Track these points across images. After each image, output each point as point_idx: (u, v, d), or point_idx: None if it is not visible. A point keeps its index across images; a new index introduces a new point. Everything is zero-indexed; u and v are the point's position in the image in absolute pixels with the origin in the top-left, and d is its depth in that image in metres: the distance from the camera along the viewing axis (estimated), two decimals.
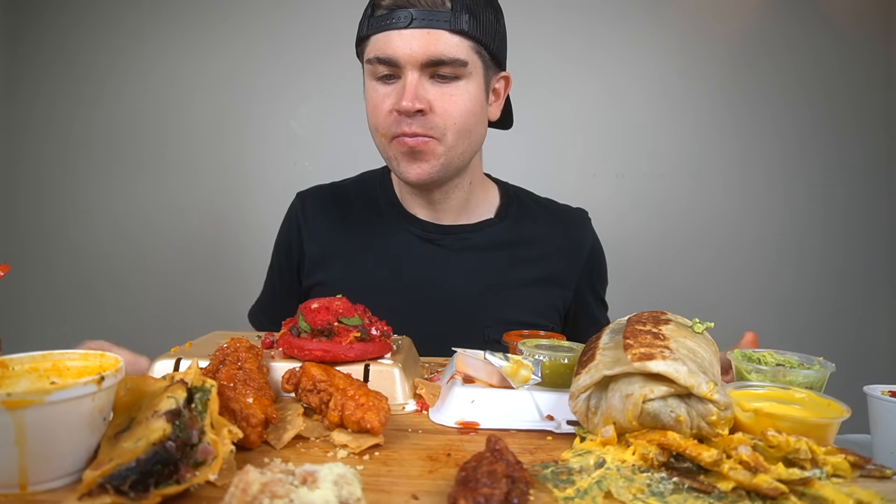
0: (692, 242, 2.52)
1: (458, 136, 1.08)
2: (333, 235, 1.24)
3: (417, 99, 1.02)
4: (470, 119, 1.08)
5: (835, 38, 2.49)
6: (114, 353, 0.59)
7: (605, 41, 2.49)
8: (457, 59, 1.02)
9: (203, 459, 0.50)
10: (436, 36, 1.01)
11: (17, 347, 0.62)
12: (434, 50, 1.01)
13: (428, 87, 1.04)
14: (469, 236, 1.22)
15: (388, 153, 1.12)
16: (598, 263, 1.33)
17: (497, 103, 1.18)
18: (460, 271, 1.20)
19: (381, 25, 1.03)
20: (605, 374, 0.62)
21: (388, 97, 1.06)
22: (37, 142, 2.49)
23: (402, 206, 1.24)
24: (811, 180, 2.52)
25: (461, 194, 1.21)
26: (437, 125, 1.05)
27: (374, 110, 1.09)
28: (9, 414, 0.46)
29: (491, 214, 1.26)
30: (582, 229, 1.31)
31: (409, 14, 1.01)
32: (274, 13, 2.47)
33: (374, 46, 1.05)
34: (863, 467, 0.58)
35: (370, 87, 1.10)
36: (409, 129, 1.05)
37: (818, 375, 0.75)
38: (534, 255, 1.24)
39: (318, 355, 0.76)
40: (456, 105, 1.05)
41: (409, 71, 1.03)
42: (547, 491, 0.52)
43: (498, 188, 1.31)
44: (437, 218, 1.22)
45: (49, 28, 2.48)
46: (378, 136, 1.11)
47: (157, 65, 2.48)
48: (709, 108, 2.52)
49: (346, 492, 0.44)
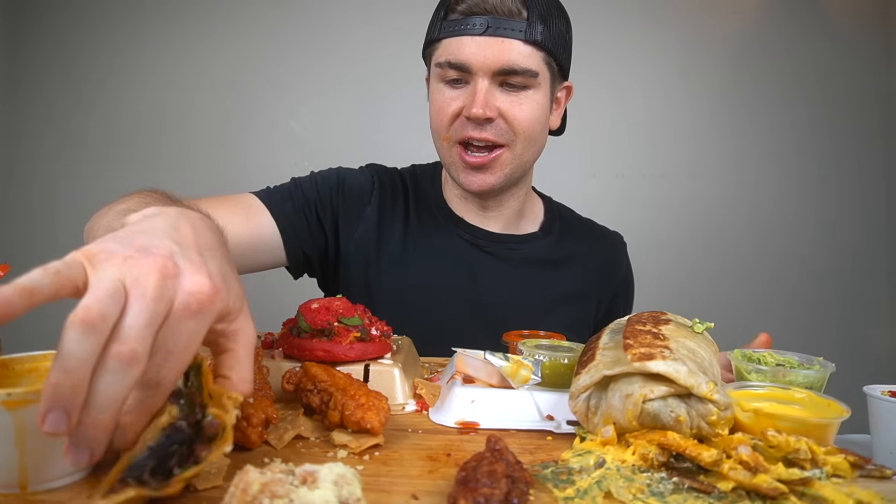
0: (692, 242, 2.52)
1: (525, 145, 1.08)
2: (395, 218, 1.20)
3: (488, 107, 1.02)
4: (536, 128, 1.08)
5: (835, 38, 2.49)
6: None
7: (605, 41, 2.49)
8: (528, 70, 1.02)
9: (213, 434, 0.49)
10: (509, 45, 1.01)
11: (17, 347, 0.62)
12: (507, 59, 1.01)
13: (497, 94, 1.04)
14: (516, 247, 1.22)
15: (450, 158, 1.11)
16: (629, 288, 1.36)
17: (557, 112, 1.18)
18: (504, 281, 1.20)
19: (455, 30, 1.03)
20: (605, 374, 0.62)
21: (454, 101, 1.06)
22: (36, 142, 2.49)
23: (450, 208, 1.23)
24: (811, 180, 2.52)
25: (515, 204, 1.21)
26: (507, 131, 1.05)
27: (438, 113, 1.09)
28: (9, 414, 0.46)
29: (535, 227, 1.27)
30: (618, 254, 1.34)
31: (485, 21, 1.01)
32: (274, 14, 2.47)
33: (446, 50, 1.05)
34: (863, 467, 0.58)
35: (437, 89, 1.09)
36: (478, 135, 1.04)
37: (818, 375, 0.75)
38: (571, 275, 1.25)
39: (318, 355, 0.76)
40: (524, 114, 1.05)
41: (480, 78, 1.02)
42: (547, 491, 0.52)
43: (542, 202, 1.32)
44: (486, 224, 1.22)
45: (49, 29, 2.48)
46: (440, 139, 1.10)
47: (156, 65, 2.48)
48: (709, 108, 2.52)
49: (346, 492, 0.44)
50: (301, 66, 2.48)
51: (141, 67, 2.48)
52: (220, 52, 2.48)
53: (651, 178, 2.52)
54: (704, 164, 2.52)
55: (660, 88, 2.50)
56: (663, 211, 2.51)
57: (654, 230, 2.50)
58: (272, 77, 2.49)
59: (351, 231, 1.17)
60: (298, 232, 1.13)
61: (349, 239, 1.17)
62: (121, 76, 2.48)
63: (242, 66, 2.48)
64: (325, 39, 2.44)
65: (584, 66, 2.49)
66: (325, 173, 1.22)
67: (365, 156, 1.48)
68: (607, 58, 2.49)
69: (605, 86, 2.50)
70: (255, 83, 2.49)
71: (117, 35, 2.48)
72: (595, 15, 2.47)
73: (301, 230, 1.14)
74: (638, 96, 2.51)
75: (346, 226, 1.18)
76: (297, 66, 2.48)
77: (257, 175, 2.52)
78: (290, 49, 2.47)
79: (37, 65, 2.48)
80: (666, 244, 2.51)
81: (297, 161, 2.50)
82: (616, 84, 2.51)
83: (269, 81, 2.49)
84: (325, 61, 2.45)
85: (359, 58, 2.42)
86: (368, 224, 1.18)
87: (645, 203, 2.52)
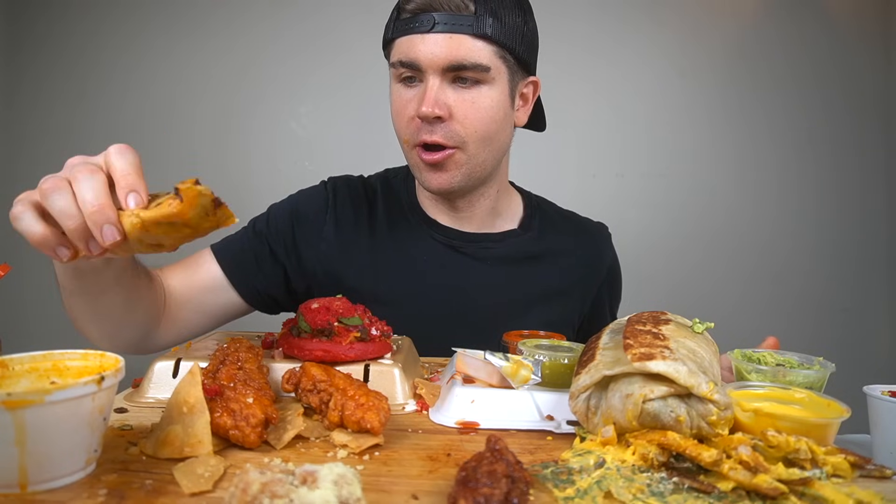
0: (692, 242, 2.52)
1: (479, 144, 1.07)
2: (359, 229, 1.20)
3: (437, 105, 1.01)
4: (492, 126, 1.06)
5: (835, 39, 2.49)
6: None
7: (604, 41, 2.49)
8: (479, 65, 1.01)
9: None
10: (458, 41, 1.00)
11: (17, 347, 0.62)
12: (455, 55, 1.00)
13: (449, 92, 1.03)
14: (493, 246, 1.21)
15: (411, 160, 1.11)
16: (615, 280, 1.34)
17: (524, 108, 1.16)
18: (481, 280, 1.19)
19: (405, 29, 1.03)
20: (605, 374, 0.62)
21: (410, 102, 1.06)
22: (37, 143, 2.49)
23: (423, 210, 1.22)
24: (811, 180, 2.52)
25: (487, 203, 1.20)
26: (458, 133, 1.04)
27: (397, 115, 1.09)
28: (9, 414, 0.46)
29: (514, 224, 1.25)
30: (602, 245, 1.32)
31: (432, 18, 1.01)
32: (274, 14, 2.47)
33: (398, 50, 1.05)
34: (863, 467, 0.58)
35: (394, 90, 1.09)
36: (430, 138, 1.04)
37: (818, 375, 0.75)
38: (554, 269, 1.23)
39: (318, 355, 0.76)
40: (477, 111, 1.04)
41: (431, 76, 1.02)
42: (547, 491, 0.52)
43: (521, 197, 1.31)
44: (459, 225, 1.21)
45: (50, 30, 2.48)
46: (402, 142, 1.11)
47: (156, 66, 2.48)
48: (709, 107, 2.52)
49: (346, 492, 0.44)
50: (301, 66, 2.48)
51: (142, 69, 2.48)
52: (221, 53, 2.48)
53: (651, 178, 2.52)
54: (705, 163, 2.52)
55: (660, 88, 2.50)
56: (663, 211, 2.51)
57: (654, 230, 2.50)
58: (272, 78, 2.49)
59: (314, 252, 1.18)
60: (245, 269, 1.15)
61: (315, 260, 1.18)
62: (122, 77, 2.48)
63: (242, 67, 2.48)
64: (326, 40, 2.44)
65: (584, 67, 2.51)
66: (280, 205, 1.24)
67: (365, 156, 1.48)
68: (607, 58, 2.49)
69: (605, 86, 2.50)
70: (255, 84, 2.49)
71: (119, 36, 2.48)
72: (594, 15, 2.48)
73: (248, 267, 1.15)
74: (638, 96, 2.51)
75: (306, 248, 1.18)
76: (298, 67, 2.48)
77: (258, 175, 2.54)
78: (291, 50, 2.47)
79: (38, 66, 2.48)
80: (666, 244, 2.50)
81: (297, 161, 2.50)
82: (616, 84, 2.50)
83: (269, 82, 2.49)
84: (325, 62, 2.45)
85: (359, 59, 2.41)
86: (329, 241, 1.18)
87: (645, 203, 2.51)
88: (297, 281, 1.19)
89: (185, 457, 0.55)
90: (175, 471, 0.52)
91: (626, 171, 2.52)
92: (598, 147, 2.52)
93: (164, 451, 0.56)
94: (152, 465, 0.55)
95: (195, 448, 0.56)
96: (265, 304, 1.19)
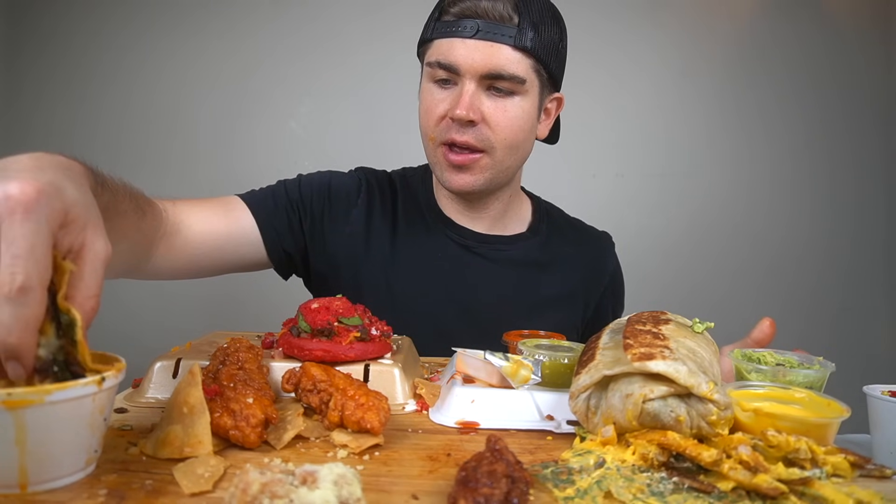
0: (692, 242, 2.52)
1: (506, 151, 1.09)
2: (385, 220, 1.21)
3: (472, 109, 1.03)
4: (520, 135, 1.09)
5: (834, 39, 2.49)
6: None
7: (604, 42, 2.49)
8: (515, 76, 1.03)
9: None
10: (498, 50, 1.02)
11: None
12: (494, 63, 1.02)
13: (483, 98, 1.05)
14: (504, 248, 1.23)
15: (434, 158, 1.12)
16: (618, 288, 1.35)
17: (546, 122, 1.18)
18: (491, 281, 1.20)
19: (447, 31, 1.04)
20: (605, 374, 0.62)
21: (442, 102, 1.07)
22: (39, 143, 2.48)
23: (440, 209, 1.24)
24: (810, 180, 2.52)
25: (500, 206, 1.22)
26: (488, 137, 1.06)
27: (426, 113, 1.10)
28: (9, 414, 0.46)
29: (523, 228, 1.27)
30: (605, 253, 1.34)
31: (476, 25, 1.02)
32: (275, 15, 2.47)
33: (437, 50, 1.06)
34: (863, 467, 0.58)
35: (426, 88, 1.10)
36: (461, 138, 1.05)
37: (818, 375, 0.75)
38: (560, 274, 1.25)
39: (318, 355, 0.76)
40: (508, 120, 1.06)
41: (468, 80, 1.03)
42: (547, 491, 0.52)
43: (531, 202, 1.32)
44: (472, 225, 1.22)
45: (51, 31, 2.48)
46: (427, 139, 1.11)
47: (157, 67, 2.48)
48: (708, 107, 2.52)
49: (346, 492, 0.44)
50: (301, 66, 2.48)
51: (142, 70, 2.47)
52: (221, 53, 2.47)
53: (651, 178, 2.52)
54: (705, 163, 2.52)
55: (660, 88, 2.50)
56: (663, 211, 2.51)
57: (654, 230, 2.50)
58: (272, 78, 2.49)
59: (339, 232, 1.18)
60: (278, 228, 1.14)
61: (337, 240, 1.18)
62: (122, 78, 2.47)
63: (242, 67, 2.48)
64: (326, 40, 2.44)
65: (584, 67, 2.50)
66: (312, 176, 1.23)
67: (365, 155, 1.48)
68: (607, 58, 2.49)
69: (605, 86, 2.50)
70: (255, 84, 2.49)
71: (120, 37, 2.47)
72: (594, 15, 2.47)
73: (280, 226, 1.15)
74: (638, 96, 2.51)
75: (332, 227, 1.18)
76: (298, 67, 2.48)
77: (258, 175, 2.51)
78: (291, 50, 2.47)
79: (41, 67, 2.48)
80: (666, 244, 2.50)
81: (297, 161, 2.49)
82: (615, 83, 2.50)
83: (269, 82, 2.49)
84: (325, 62, 2.45)
85: (359, 59, 2.42)
86: (356, 225, 1.19)
87: (645, 203, 2.51)
88: (315, 257, 1.19)
89: (185, 457, 0.55)
90: (175, 471, 0.52)
91: (627, 171, 2.52)
92: (598, 147, 2.52)
93: (164, 452, 0.56)
94: (152, 465, 0.55)
95: (195, 448, 0.56)
96: (285, 266, 1.20)
